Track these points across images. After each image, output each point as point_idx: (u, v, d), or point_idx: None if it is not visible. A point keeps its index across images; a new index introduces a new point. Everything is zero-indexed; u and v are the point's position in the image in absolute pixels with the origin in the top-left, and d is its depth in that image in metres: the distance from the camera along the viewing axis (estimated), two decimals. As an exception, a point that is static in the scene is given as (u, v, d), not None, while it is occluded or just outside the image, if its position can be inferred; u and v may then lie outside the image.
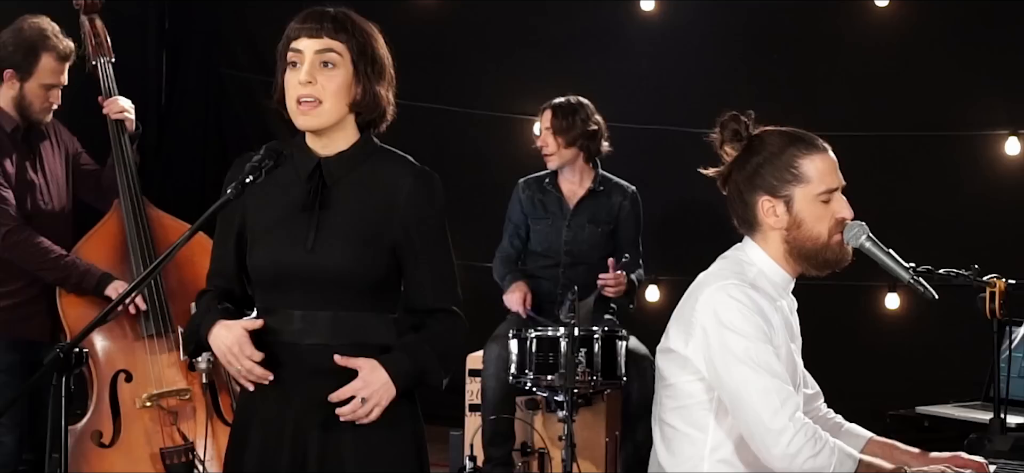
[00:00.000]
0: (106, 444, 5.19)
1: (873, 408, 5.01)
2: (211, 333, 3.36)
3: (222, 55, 8.16)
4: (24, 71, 5.24)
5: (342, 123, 3.39)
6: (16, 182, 5.21)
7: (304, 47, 3.32)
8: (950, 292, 3.58)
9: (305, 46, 3.32)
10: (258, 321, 3.34)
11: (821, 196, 3.32)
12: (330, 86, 3.32)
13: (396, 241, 3.38)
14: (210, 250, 3.56)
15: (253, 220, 3.43)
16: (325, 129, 3.38)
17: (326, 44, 3.31)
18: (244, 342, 3.30)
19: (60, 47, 5.28)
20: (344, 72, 3.33)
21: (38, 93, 5.26)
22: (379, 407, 3.29)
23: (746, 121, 3.39)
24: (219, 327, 3.35)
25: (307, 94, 3.31)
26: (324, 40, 3.31)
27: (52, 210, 5.35)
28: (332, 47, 3.32)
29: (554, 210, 6.32)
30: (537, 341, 5.79)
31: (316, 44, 3.31)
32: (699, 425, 3.31)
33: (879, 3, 7.37)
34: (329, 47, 3.31)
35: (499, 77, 7.91)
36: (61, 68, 5.30)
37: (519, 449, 6.19)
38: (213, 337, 3.36)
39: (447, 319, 3.43)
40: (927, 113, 7.35)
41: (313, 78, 3.30)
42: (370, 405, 3.28)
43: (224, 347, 3.32)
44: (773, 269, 3.37)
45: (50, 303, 5.26)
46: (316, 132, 3.38)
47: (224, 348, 3.32)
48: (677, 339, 3.32)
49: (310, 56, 3.31)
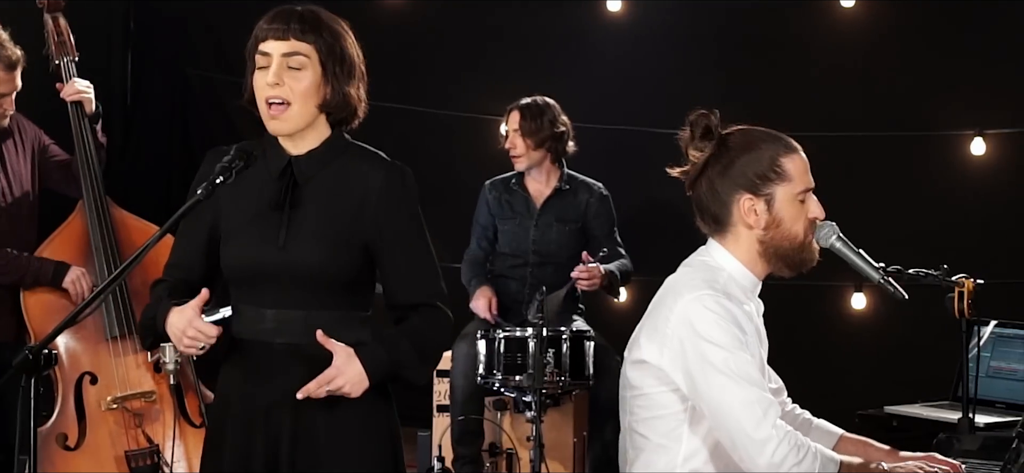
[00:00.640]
0: (71, 447, 5.15)
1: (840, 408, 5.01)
2: (167, 322, 3.33)
3: (187, 55, 8.11)
4: None
5: (313, 122, 3.38)
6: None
7: (271, 49, 3.31)
8: (917, 292, 3.58)
9: (272, 49, 3.31)
10: (204, 293, 3.30)
11: (799, 195, 3.31)
12: (298, 88, 3.31)
13: (369, 238, 3.37)
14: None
15: (226, 218, 3.42)
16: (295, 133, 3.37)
17: (293, 46, 3.30)
18: (194, 319, 3.26)
19: (10, 56, 5.21)
20: (312, 73, 3.32)
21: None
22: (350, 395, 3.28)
23: (716, 119, 3.36)
24: (173, 314, 3.32)
25: (275, 95, 3.30)
26: (291, 42, 3.30)
27: (16, 209, 5.31)
28: (299, 50, 3.30)
29: (521, 210, 6.32)
30: (505, 341, 5.79)
31: (283, 46, 3.30)
32: (673, 435, 3.28)
33: (845, 4, 7.39)
34: (296, 50, 3.30)
35: (465, 78, 7.90)
36: (11, 77, 5.23)
37: (487, 449, 6.19)
38: (169, 326, 3.32)
39: (428, 313, 3.41)
40: (893, 114, 7.38)
41: (280, 81, 3.29)
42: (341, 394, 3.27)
43: (178, 331, 3.29)
44: (741, 273, 3.34)
45: (14, 303, 5.23)
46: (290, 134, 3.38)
47: (178, 332, 3.29)
48: (650, 350, 3.29)
49: (277, 59, 3.30)
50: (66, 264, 5.22)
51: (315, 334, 3.28)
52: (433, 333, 3.44)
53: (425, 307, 3.41)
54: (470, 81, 7.88)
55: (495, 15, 7.85)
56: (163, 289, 3.46)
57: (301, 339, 3.32)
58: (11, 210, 5.28)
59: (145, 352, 5.25)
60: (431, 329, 3.42)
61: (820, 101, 7.41)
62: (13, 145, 5.37)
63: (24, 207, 5.36)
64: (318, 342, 3.27)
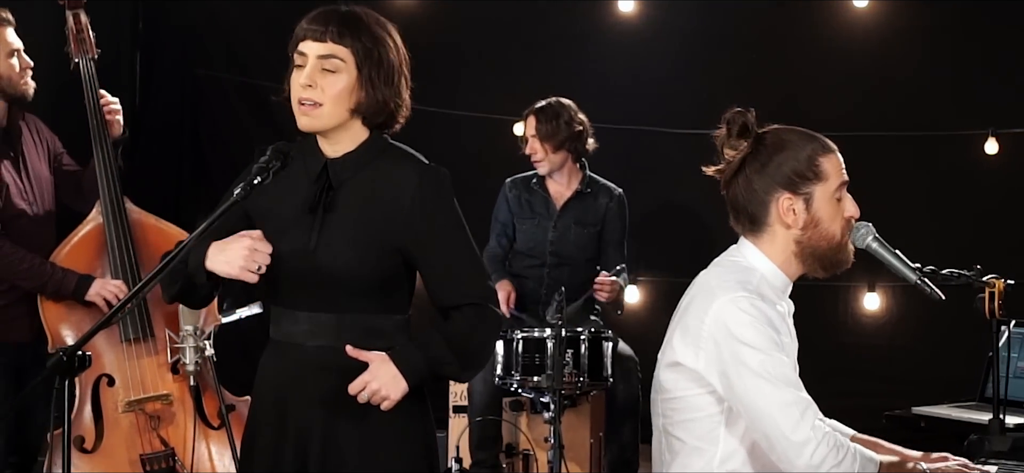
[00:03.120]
0: (88, 449, 5.13)
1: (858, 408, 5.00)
2: (209, 258, 3.26)
3: (197, 55, 8.08)
4: None
5: (348, 125, 3.36)
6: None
7: (308, 50, 3.30)
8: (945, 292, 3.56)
9: (309, 49, 3.30)
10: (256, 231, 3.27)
11: (836, 194, 3.30)
12: (330, 91, 3.29)
13: (404, 242, 3.35)
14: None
15: (262, 219, 3.39)
16: (331, 130, 3.35)
17: (329, 49, 3.29)
18: (255, 241, 3.23)
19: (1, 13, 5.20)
20: (346, 77, 3.30)
21: (6, 65, 5.17)
22: (389, 400, 3.25)
23: (753, 117, 3.34)
24: (216, 247, 3.27)
25: (307, 97, 3.29)
26: (327, 44, 3.29)
27: (36, 211, 5.27)
28: (335, 53, 3.29)
29: (541, 210, 6.30)
30: (523, 342, 5.78)
31: (319, 48, 3.29)
32: (709, 437, 3.27)
33: (858, 4, 7.38)
34: (332, 53, 3.29)
35: (477, 78, 7.87)
36: (7, 33, 5.20)
37: (504, 450, 6.17)
38: (213, 259, 3.26)
39: (471, 312, 3.37)
40: (905, 113, 7.37)
41: (313, 82, 3.28)
42: (379, 397, 3.24)
43: (236, 256, 3.22)
44: (773, 273, 3.32)
45: (32, 306, 5.19)
46: (321, 132, 3.36)
47: (236, 256, 3.22)
48: (684, 352, 3.27)
49: (313, 60, 3.29)
50: (89, 277, 5.17)
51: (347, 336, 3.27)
52: (475, 331, 3.38)
53: (468, 306, 3.37)
54: (482, 81, 7.85)
55: (506, 16, 7.82)
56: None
57: (334, 342, 3.30)
58: (32, 212, 5.24)
59: (163, 354, 5.23)
60: (473, 327, 3.37)
61: (831, 101, 7.39)
62: (33, 146, 5.34)
63: (44, 209, 5.32)
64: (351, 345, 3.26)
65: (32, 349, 5.22)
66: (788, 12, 7.48)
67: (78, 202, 5.47)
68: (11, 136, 5.27)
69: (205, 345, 5.08)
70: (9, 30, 5.23)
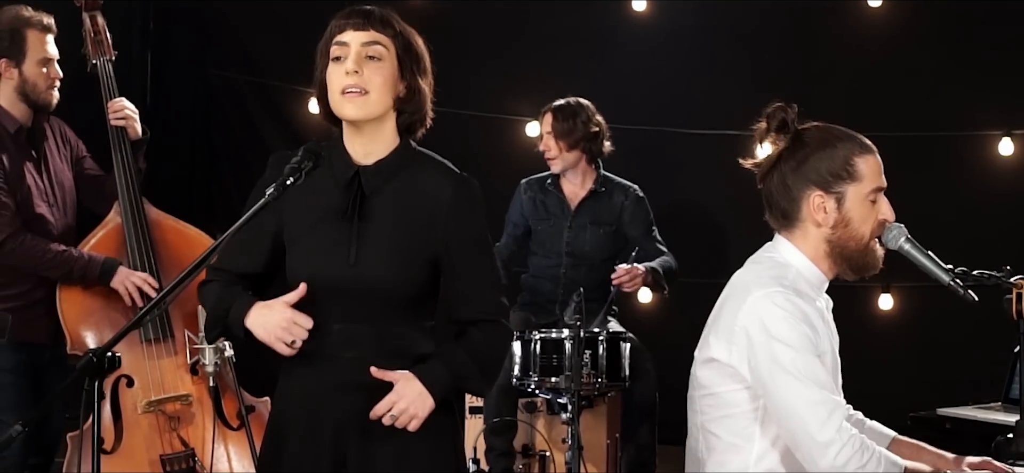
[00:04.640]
0: (107, 450, 5.12)
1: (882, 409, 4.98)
2: (249, 317, 3.28)
3: (208, 55, 8.06)
4: (16, 55, 5.16)
5: (383, 125, 3.34)
6: (19, 185, 5.11)
7: (350, 40, 3.27)
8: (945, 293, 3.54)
9: (351, 39, 3.27)
10: (298, 291, 3.26)
11: (870, 196, 3.30)
12: (376, 78, 3.27)
13: (437, 252, 3.34)
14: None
15: (291, 225, 3.37)
16: (366, 130, 3.32)
17: (373, 36, 3.28)
18: (295, 315, 3.23)
19: (42, 20, 5.21)
20: (390, 66, 3.29)
21: (38, 72, 5.18)
22: (417, 418, 3.25)
23: (793, 113, 3.33)
24: (258, 309, 3.28)
25: (352, 84, 3.25)
26: (371, 32, 3.27)
27: (57, 214, 5.26)
28: (379, 40, 3.28)
29: (556, 211, 6.29)
30: (541, 343, 5.77)
31: (363, 36, 3.27)
32: (745, 434, 3.27)
33: (872, 3, 7.36)
34: (376, 40, 3.28)
35: (489, 78, 7.85)
36: (48, 40, 5.22)
37: (520, 451, 6.16)
38: (253, 320, 3.28)
39: (488, 328, 3.38)
40: (920, 113, 7.35)
41: (359, 68, 3.25)
42: (407, 416, 3.23)
43: (274, 326, 3.24)
44: (809, 268, 3.33)
45: (50, 307, 5.18)
46: (358, 130, 3.32)
47: (274, 326, 3.24)
48: (718, 348, 3.27)
49: (356, 48, 3.27)
50: (116, 260, 5.18)
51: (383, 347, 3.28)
52: (493, 348, 3.41)
53: (485, 322, 3.38)
54: (494, 81, 7.84)
55: (519, 15, 7.80)
56: (221, 287, 3.39)
57: (368, 353, 3.28)
58: (53, 214, 5.24)
59: (182, 355, 5.23)
60: (491, 344, 3.39)
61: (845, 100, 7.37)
62: (56, 148, 5.34)
63: (66, 212, 5.32)
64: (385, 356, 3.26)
65: (50, 350, 5.21)
66: (802, 11, 7.46)
67: (100, 205, 5.47)
68: (34, 138, 5.26)
69: (224, 346, 5.07)
70: (49, 37, 5.23)
